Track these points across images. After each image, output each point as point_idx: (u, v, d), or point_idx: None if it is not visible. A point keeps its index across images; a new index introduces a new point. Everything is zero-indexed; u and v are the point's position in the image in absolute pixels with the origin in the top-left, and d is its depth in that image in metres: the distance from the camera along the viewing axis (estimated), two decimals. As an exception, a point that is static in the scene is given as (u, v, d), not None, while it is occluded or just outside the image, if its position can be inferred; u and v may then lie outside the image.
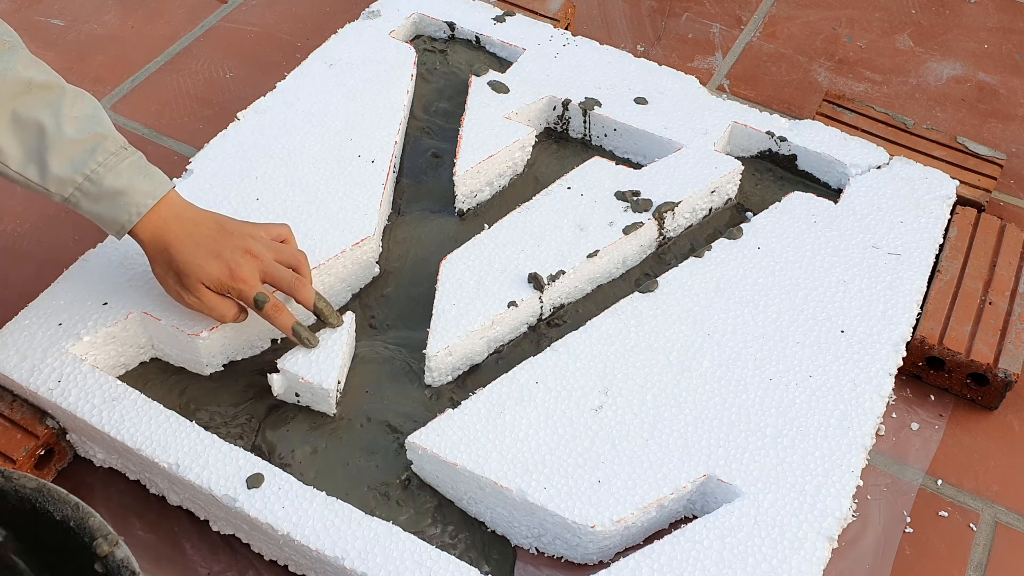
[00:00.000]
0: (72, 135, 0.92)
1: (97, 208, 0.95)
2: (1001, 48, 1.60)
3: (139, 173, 0.96)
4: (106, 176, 0.94)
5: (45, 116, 0.92)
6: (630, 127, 1.27)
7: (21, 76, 0.92)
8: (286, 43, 1.57)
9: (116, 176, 0.94)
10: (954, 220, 1.23)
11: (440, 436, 0.98)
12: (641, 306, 1.09)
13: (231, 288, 0.99)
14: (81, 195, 0.94)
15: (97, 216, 0.96)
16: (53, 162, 0.92)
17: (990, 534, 1.04)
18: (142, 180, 0.96)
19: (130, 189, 0.95)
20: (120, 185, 0.94)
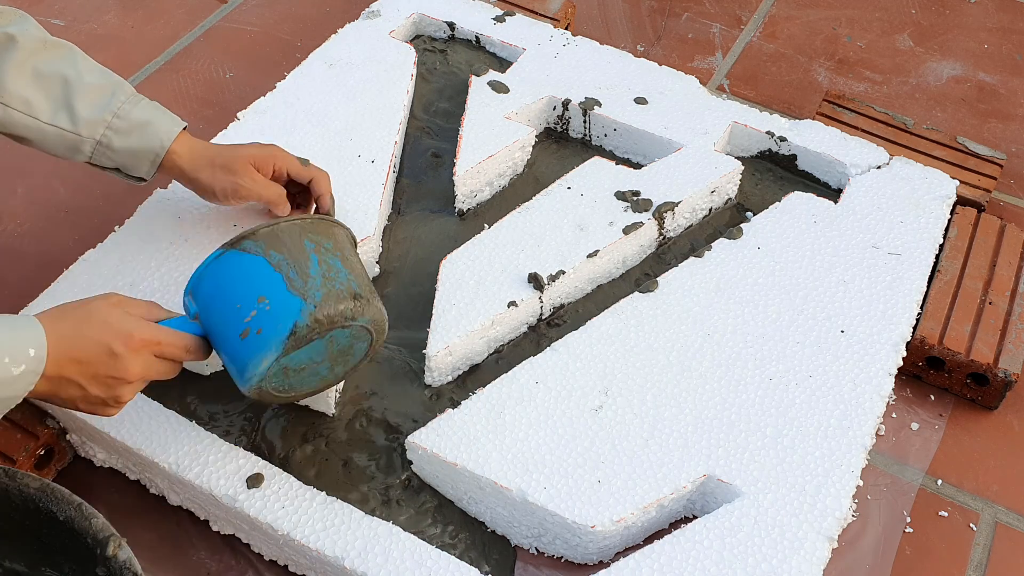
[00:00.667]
0: (93, 82, 1.00)
1: (129, 142, 1.01)
2: (1001, 48, 1.60)
3: (158, 109, 1.04)
4: (132, 111, 1.01)
5: (65, 68, 0.99)
6: (630, 127, 1.27)
7: (36, 36, 0.99)
8: (286, 43, 1.57)
9: (141, 110, 1.02)
10: (954, 220, 1.23)
11: (440, 436, 0.98)
12: (641, 306, 1.09)
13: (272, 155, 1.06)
14: (112, 133, 1.00)
15: (131, 152, 1.02)
16: (81, 106, 0.99)
17: (990, 534, 1.04)
18: (163, 114, 1.04)
19: (155, 120, 1.02)
20: (147, 116, 1.02)
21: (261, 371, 0.86)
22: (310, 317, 0.85)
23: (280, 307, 0.85)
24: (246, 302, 0.85)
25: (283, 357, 0.85)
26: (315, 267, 0.88)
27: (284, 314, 0.85)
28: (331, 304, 0.86)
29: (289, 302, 0.85)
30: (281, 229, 0.89)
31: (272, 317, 0.85)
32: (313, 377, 0.92)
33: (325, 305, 0.86)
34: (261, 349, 0.85)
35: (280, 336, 0.84)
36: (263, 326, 0.85)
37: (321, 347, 0.88)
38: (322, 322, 0.85)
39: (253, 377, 0.86)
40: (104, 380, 0.83)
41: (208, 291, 0.88)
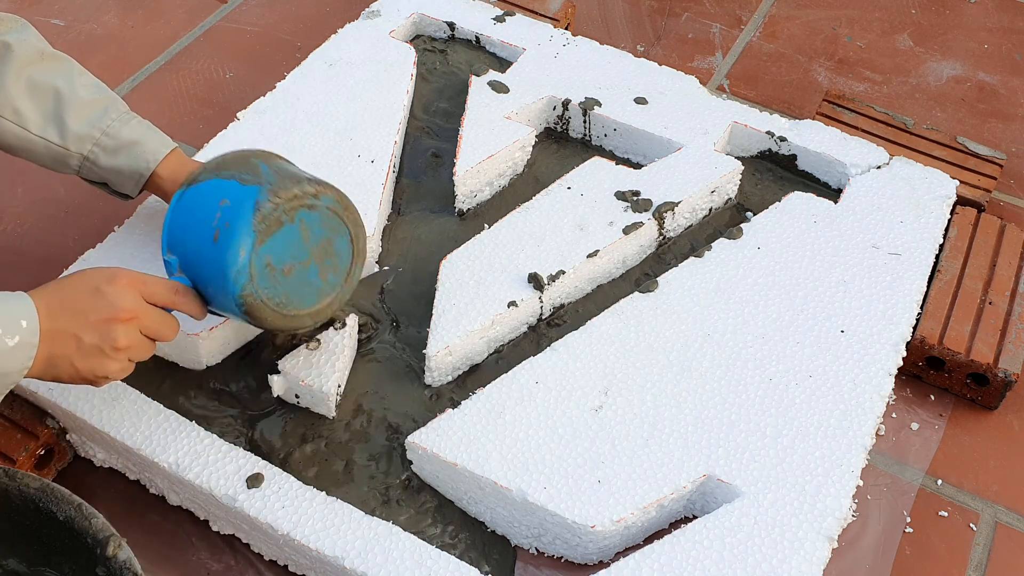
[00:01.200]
0: (85, 97, 1.00)
1: (116, 161, 1.02)
2: (1001, 48, 1.60)
3: (149, 129, 1.04)
4: (122, 129, 1.01)
5: (60, 81, 0.99)
6: (630, 127, 1.27)
7: (35, 46, 0.99)
8: (286, 43, 1.57)
9: (131, 130, 1.02)
10: (954, 220, 1.23)
11: (440, 436, 0.98)
12: (641, 306, 1.09)
13: None
14: (100, 150, 1.01)
15: (116, 170, 1.02)
16: (71, 121, 0.99)
17: (990, 534, 1.04)
18: (153, 134, 1.04)
19: (144, 140, 1.02)
20: (136, 136, 1.02)
21: (242, 263, 0.86)
22: (269, 193, 0.87)
23: (239, 197, 0.87)
24: (209, 213, 0.87)
25: (259, 246, 0.86)
26: (265, 168, 0.90)
27: (244, 199, 0.86)
28: (286, 183, 0.88)
29: (246, 191, 0.87)
30: (226, 157, 0.92)
31: (234, 207, 0.86)
32: (305, 285, 0.92)
33: (280, 184, 0.88)
34: (233, 238, 0.86)
35: (246, 217, 0.85)
36: (229, 219, 0.86)
37: (296, 237, 0.89)
38: (283, 197, 0.87)
39: (239, 275, 0.86)
40: (96, 325, 0.82)
41: (177, 231, 0.89)
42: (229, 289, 0.87)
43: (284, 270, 0.89)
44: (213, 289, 0.89)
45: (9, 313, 0.80)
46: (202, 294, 0.90)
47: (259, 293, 0.88)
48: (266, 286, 0.88)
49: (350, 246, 0.94)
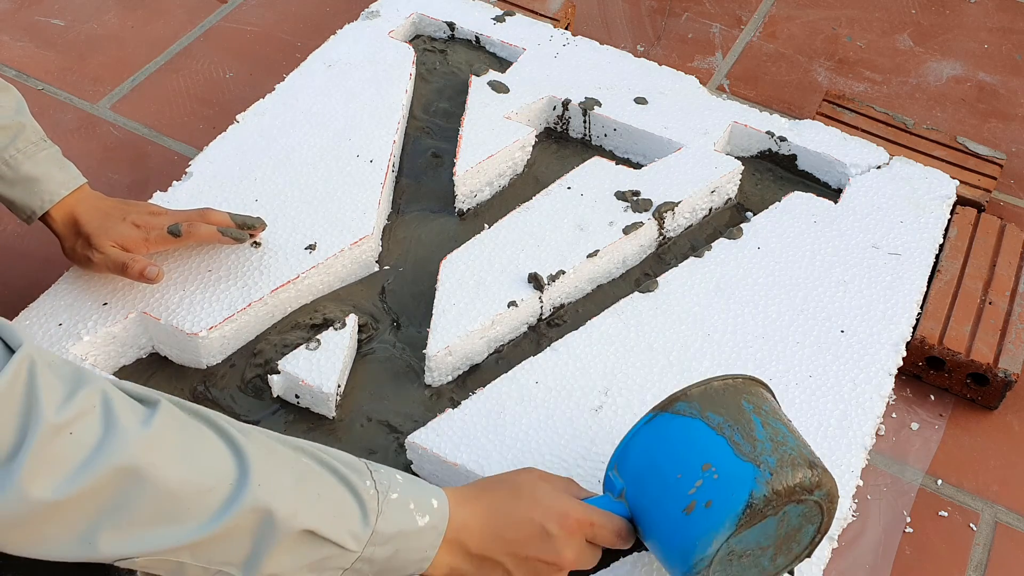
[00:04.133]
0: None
1: (11, 192, 1.00)
2: (1001, 48, 1.60)
3: (55, 165, 1.01)
4: (24, 163, 0.99)
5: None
6: (630, 127, 1.27)
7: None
8: (286, 43, 1.57)
9: (34, 164, 0.99)
10: (954, 220, 1.23)
11: (440, 436, 0.98)
12: (641, 306, 1.09)
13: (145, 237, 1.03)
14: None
15: (9, 201, 1.01)
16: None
17: (990, 534, 1.04)
18: (57, 171, 1.01)
19: (45, 178, 1.00)
20: (36, 173, 0.99)
21: (710, 552, 0.75)
22: (767, 486, 0.74)
23: (731, 475, 0.75)
24: (688, 471, 0.76)
25: (734, 536, 0.75)
26: (760, 430, 0.78)
27: (737, 483, 0.75)
28: (787, 472, 0.75)
29: (740, 469, 0.75)
30: (714, 389, 0.81)
31: (722, 487, 0.75)
32: (752, 569, 0.80)
33: (781, 472, 0.75)
34: (712, 525, 0.75)
35: (735, 509, 0.74)
36: (712, 498, 0.74)
37: (772, 527, 0.77)
38: (780, 493, 0.75)
39: (701, 561, 0.76)
40: (534, 564, 0.75)
41: (639, 460, 0.80)
42: (682, 566, 0.77)
43: (743, 555, 0.78)
44: (661, 548, 0.79)
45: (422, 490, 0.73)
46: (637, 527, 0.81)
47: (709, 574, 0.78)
48: (718, 570, 0.78)
49: (814, 534, 0.82)
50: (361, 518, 0.68)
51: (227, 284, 1.08)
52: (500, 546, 0.75)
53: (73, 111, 1.45)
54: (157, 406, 0.64)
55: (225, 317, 1.05)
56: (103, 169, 1.36)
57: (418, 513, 0.71)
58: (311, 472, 0.69)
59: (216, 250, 1.11)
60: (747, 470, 0.75)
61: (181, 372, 1.07)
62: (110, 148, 1.40)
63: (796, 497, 0.76)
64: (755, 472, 0.75)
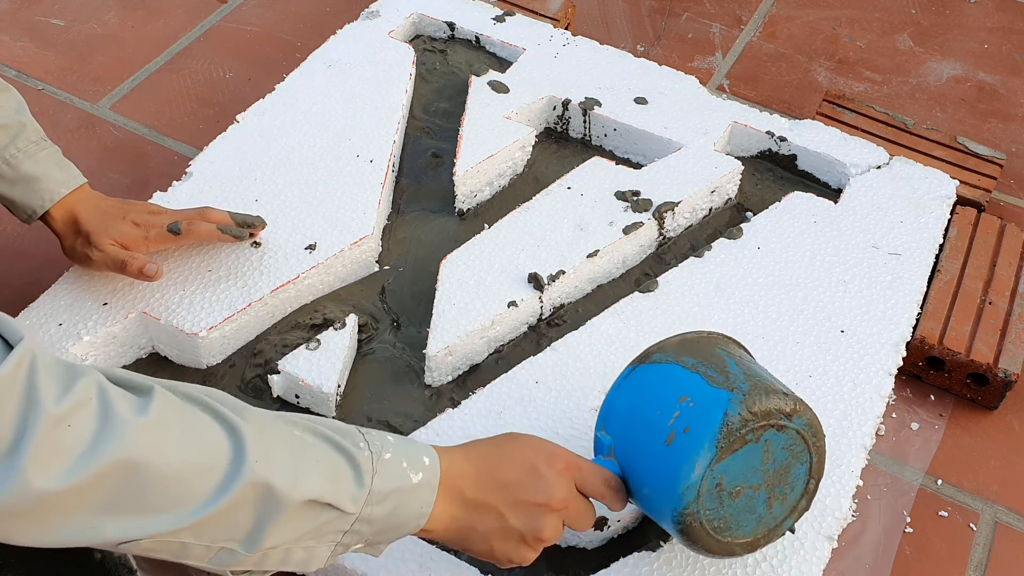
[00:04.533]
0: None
1: (11, 192, 1.00)
2: (1001, 48, 1.60)
3: (55, 164, 1.02)
4: (24, 162, 0.99)
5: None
6: (630, 127, 1.27)
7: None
8: (286, 43, 1.57)
9: (34, 163, 1.00)
10: (954, 220, 1.23)
11: (440, 436, 0.98)
12: (641, 306, 1.09)
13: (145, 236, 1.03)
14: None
15: (9, 200, 1.01)
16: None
17: (990, 534, 1.04)
18: (58, 171, 1.01)
19: (45, 177, 1.00)
20: (37, 172, 1.00)
21: (695, 479, 0.76)
22: (741, 406, 0.77)
23: (706, 401, 0.78)
24: (666, 407, 0.79)
25: (717, 462, 0.76)
26: (734, 367, 0.81)
27: (712, 406, 0.77)
28: (760, 395, 0.78)
29: (715, 394, 0.78)
30: (689, 339, 0.84)
31: (699, 412, 0.77)
32: (748, 514, 0.81)
33: (754, 394, 0.78)
34: (692, 449, 0.76)
35: (712, 428, 0.76)
36: (690, 423, 0.77)
37: (756, 457, 0.79)
38: (756, 414, 0.77)
39: (687, 490, 0.77)
40: (525, 507, 0.76)
41: (622, 412, 0.82)
42: (671, 501, 0.78)
43: (732, 492, 0.79)
44: (649, 491, 0.80)
45: (412, 448, 0.74)
46: (628, 484, 0.82)
47: (701, 513, 0.78)
48: (710, 507, 0.78)
49: (806, 477, 0.83)
50: (356, 479, 0.69)
51: (227, 284, 1.08)
52: (494, 489, 0.76)
53: (73, 111, 1.45)
54: (152, 393, 0.65)
55: (225, 317, 1.05)
56: (103, 169, 1.36)
57: (411, 471, 0.72)
58: (305, 443, 0.70)
59: (216, 250, 1.11)
60: (721, 395, 0.78)
61: (181, 372, 1.07)
62: (110, 148, 1.40)
63: (773, 421, 0.78)
64: (729, 395, 0.78)
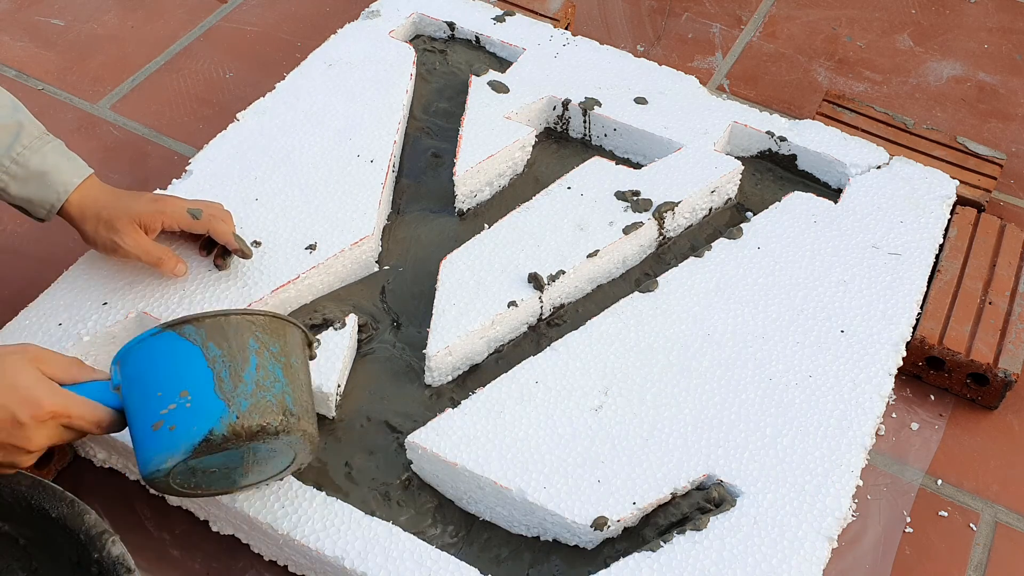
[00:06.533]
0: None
1: (26, 191, 1.00)
2: (1001, 48, 1.60)
3: (63, 156, 1.02)
4: (32, 158, 0.99)
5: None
6: (630, 127, 1.27)
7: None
8: (286, 43, 1.57)
9: (42, 158, 1.00)
10: (954, 220, 1.23)
11: (440, 436, 0.98)
12: (641, 306, 1.09)
13: (161, 212, 1.04)
14: (9, 179, 0.99)
15: (27, 200, 1.01)
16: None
17: (990, 534, 1.04)
18: (66, 162, 1.02)
19: (55, 170, 1.00)
20: (46, 167, 1.00)
21: (163, 469, 0.80)
22: (228, 428, 0.79)
23: (200, 408, 0.79)
24: (168, 392, 0.80)
25: (191, 459, 0.80)
26: (251, 372, 0.82)
27: (202, 417, 0.79)
28: (255, 416, 0.80)
29: (211, 404, 0.79)
30: (229, 322, 0.84)
31: (189, 417, 0.79)
32: (224, 480, 0.86)
33: (248, 416, 0.80)
34: (168, 448, 0.79)
35: (191, 440, 0.79)
36: (178, 423, 0.79)
37: (237, 456, 0.83)
38: (240, 435, 0.80)
39: (156, 473, 0.81)
40: (3, 446, 0.78)
41: (135, 367, 0.83)
42: (141, 468, 0.81)
43: (207, 472, 0.84)
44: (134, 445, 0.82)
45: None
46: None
47: (171, 481, 0.83)
48: (180, 478, 0.83)
49: (289, 463, 0.89)
50: None
51: (227, 284, 1.08)
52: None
53: (73, 111, 1.45)
54: None
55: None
56: (103, 169, 1.36)
57: None
58: None
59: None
60: (217, 407, 0.79)
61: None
62: (110, 148, 1.40)
63: (259, 439, 0.81)
64: (223, 411, 0.79)
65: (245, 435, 0.80)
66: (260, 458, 0.86)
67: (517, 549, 0.97)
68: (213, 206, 1.08)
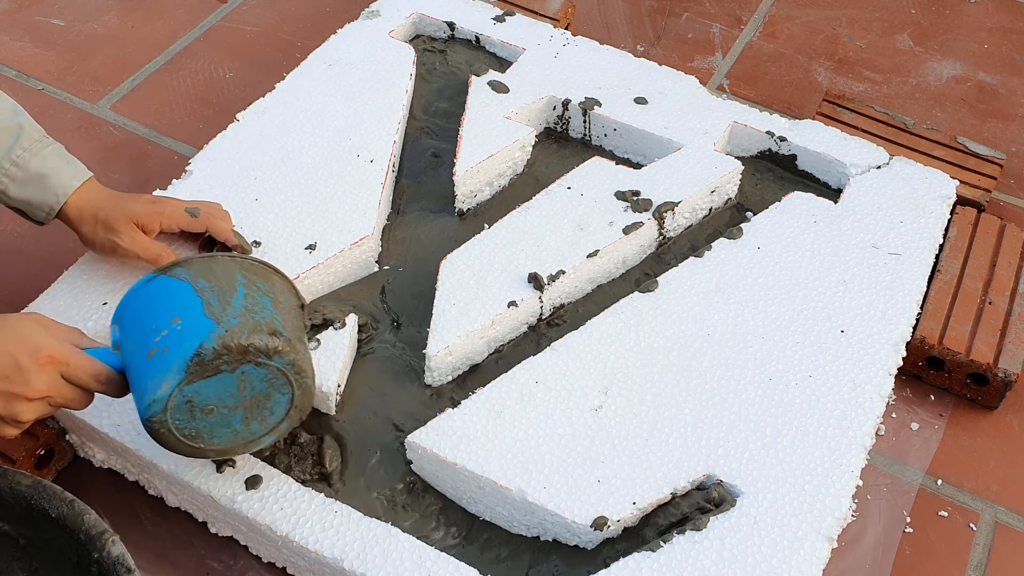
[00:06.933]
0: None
1: (26, 193, 1.00)
2: (1001, 48, 1.60)
3: (62, 159, 1.02)
4: (31, 161, 1.00)
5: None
6: (630, 127, 1.27)
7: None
8: (286, 43, 1.57)
9: (41, 161, 1.00)
10: (954, 220, 1.23)
11: (440, 435, 0.98)
12: (641, 306, 1.09)
13: (159, 212, 1.04)
14: (9, 181, 0.99)
15: (26, 202, 1.01)
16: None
17: (990, 534, 1.04)
18: (65, 165, 1.02)
19: (55, 172, 1.01)
20: (46, 169, 1.00)
21: (161, 395, 0.80)
22: (218, 340, 0.80)
23: (190, 328, 0.81)
24: (160, 323, 0.82)
25: (187, 384, 0.80)
26: (240, 299, 0.83)
27: (192, 335, 0.80)
28: (245, 333, 0.81)
29: (201, 323, 0.81)
30: (216, 261, 0.86)
31: (180, 336, 0.80)
32: (223, 428, 0.86)
33: (238, 332, 0.81)
34: (163, 369, 0.80)
35: (184, 356, 0.80)
36: (170, 345, 0.80)
37: (232, 384, 0.83)
38: (231, 349, 0.80)
39: (154, 403, 0.81)
40: (4, 393, 0.79)
41: (131, 315, 0.85)
42: (140, 407, 0.82)
43: (205, 409, 0.84)
44: (134, 394, 0.84)
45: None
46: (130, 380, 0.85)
47: (169, 423, 0.83)
48: (179, 419, 0.83)
49: (288, 406, 0.87)
50: None
51: (227, 284, 1.08)
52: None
53: (73, 111, 1.45)
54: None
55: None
56: (103, 169, 1.36)
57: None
58: None
59: (216, 250, 1.11)
60: (206, 325, 0.81)
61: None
62: (110, 148, 1.40)
63: (251, 358, 0.82)
64: (212, 327, 0.81)
65: (236, 349, 0.81)
66: (257, 395, 0.85)
67: (517, 549, 0.97)
68: (211, 205, 1.08)
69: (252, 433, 0.88)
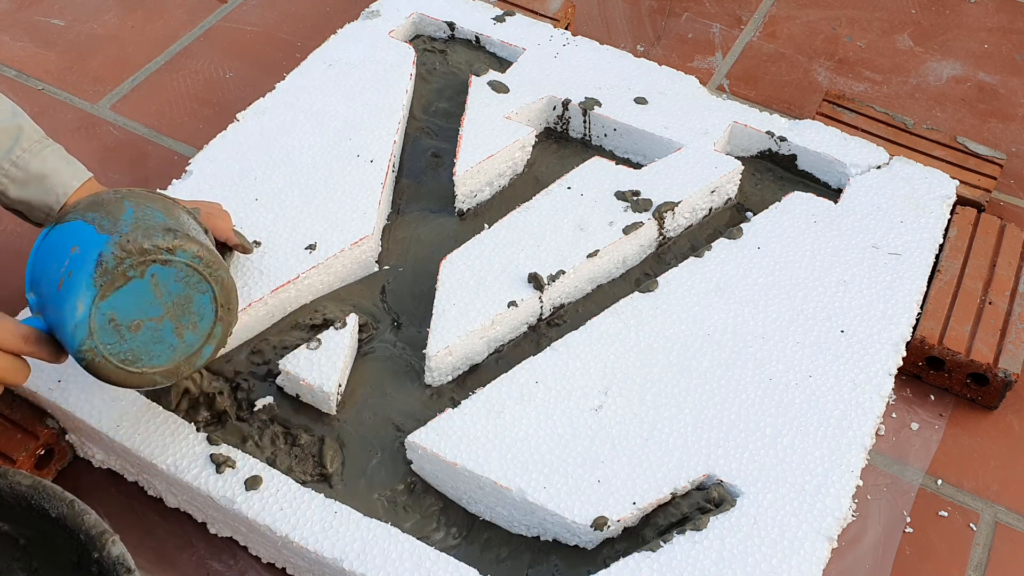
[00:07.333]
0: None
1: (26, 193, 1.00)
2: (1001, 48, 1.60)
3: (62, 160, 1.02)
4: (31, 161, 1.00)
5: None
6: (630, 127, 1.27)
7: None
8: (286, 43, 1.57)
9: (41, 161, 1.00)
10: (954, 220, 1.23)
11: (440, 435, 0.98)
12: (641, 306, 1.09)
13: None
14: (9, 181, 0.99)
15: (25, 202, 1.01)
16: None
17: (990, 534, 1.04)
18: (65, 166, 1.02)
19: (54, 173, 1.01)
20: (46, 170, 1.00)
21: (80, 317, 0.80)
22: (116, 246, 0.81)
23: (87, 247, 0.82)
24: (61, 258, 0.83)
25: (101, 300, 0.81)
26: (129, 216, 0.84)
27: (90, 251, 0.81)
28: (139, 233, 0.82)
29: (96, 239, 0.82)
30: (101, 196, 0.87)
31: (80, 257, 0.81)
32: (158, 344, 0.85)
33: (133, 235, 0.82)
34: (74, 291, 0.80)
35: (87, 270, 0.80)
36: (73, 268, 0.81)
37: (147, 291, 0.83)
38: (131, 251, 0.81)
39: (76, 328, 0.81)
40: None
41: (38, 271, 0.86)
42: (68, 342, 0.82)
43: (131, 326, 0.83)
44: (60, 337, 0.83)
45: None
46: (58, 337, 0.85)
47: (100, 349, 0.82)
48: (109, 342, 0.82)
49: (213, 306, 0.87)
50: None
51: (227, 284, 1.08)
52: None
53: (73, 111, 1.45)
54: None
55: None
56: (103, 169, 1.36)
57: None
58: None
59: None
60: (101, 239, 0.82)
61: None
62: (110, 148, 1.40)
63: (152, 256, 0.82)
64: (107, 238, 0.82)
65: (136, 251, 0.81)
66: (178, 300, 0.85)
67: (517, 549, 0.97)
68: (211, 205, 1.08)
69: (189, 345, 0.87)
